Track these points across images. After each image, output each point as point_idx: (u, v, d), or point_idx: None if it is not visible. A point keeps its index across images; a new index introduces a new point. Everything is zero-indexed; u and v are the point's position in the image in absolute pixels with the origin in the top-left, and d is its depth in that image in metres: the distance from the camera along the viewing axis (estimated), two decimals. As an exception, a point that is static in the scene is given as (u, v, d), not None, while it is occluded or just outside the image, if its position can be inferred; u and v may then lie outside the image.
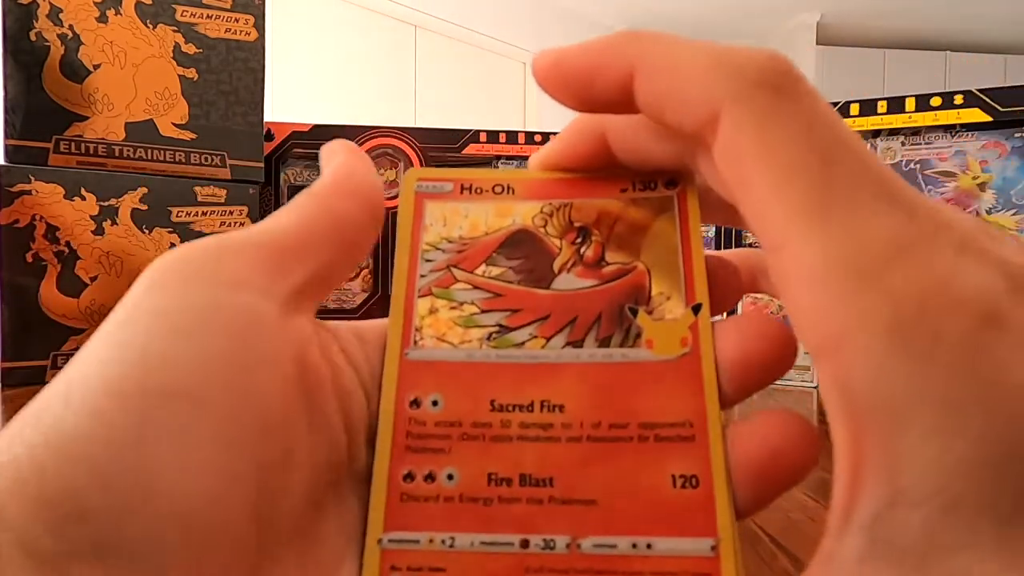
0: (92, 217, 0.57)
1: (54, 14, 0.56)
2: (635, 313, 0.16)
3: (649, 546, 0.14)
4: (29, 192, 0.54)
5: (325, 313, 0.67)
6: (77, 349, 0.62)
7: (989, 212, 0.62)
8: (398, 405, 0.15)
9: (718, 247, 0.71)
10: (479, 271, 0.17)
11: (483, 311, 0.16)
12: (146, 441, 0.11)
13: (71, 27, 0.57)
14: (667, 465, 0.14)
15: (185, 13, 0.61)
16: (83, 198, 0.56)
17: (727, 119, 0.12)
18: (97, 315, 0.57)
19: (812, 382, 0.60)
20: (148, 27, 0.60)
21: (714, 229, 0.71)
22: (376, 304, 0.70)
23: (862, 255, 0.11)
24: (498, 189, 0.17)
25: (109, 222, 0.57)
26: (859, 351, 0.11)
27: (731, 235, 0.71)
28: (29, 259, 0.55)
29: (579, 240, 0.17)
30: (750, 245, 0.70)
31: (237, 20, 0.63)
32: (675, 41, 0.13)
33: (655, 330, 0.15)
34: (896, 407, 0.10)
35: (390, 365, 0.16)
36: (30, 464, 0.11)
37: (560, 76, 0.15)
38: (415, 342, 0.16)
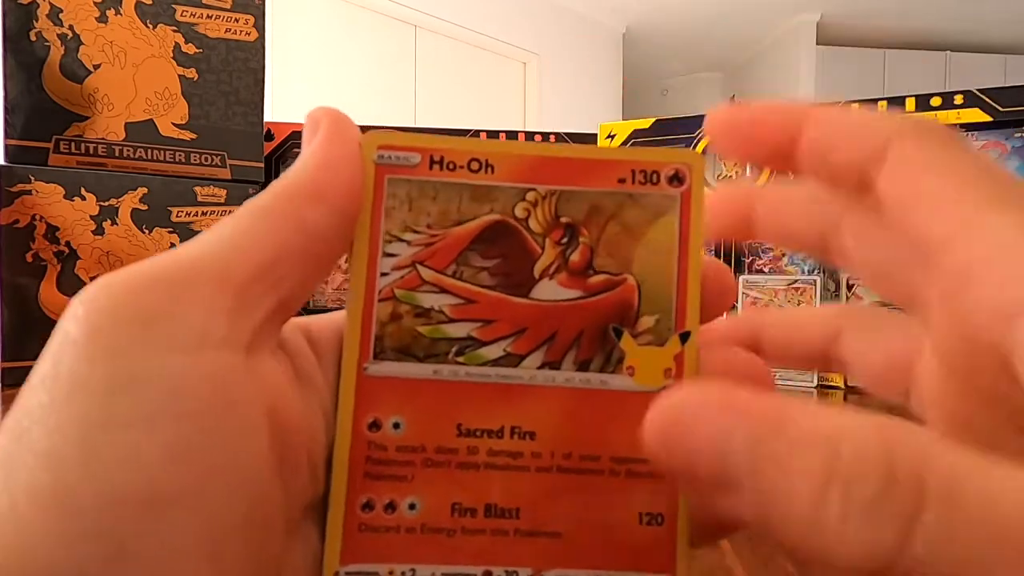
0: (92, 217, 0.57)
1: (54, 14, 0.56)
2: (619, 335, 0.15)
3: None
4: (29, 192, 0.54)
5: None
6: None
7: (989, 212, 0.62)
8: (356, 428, 0.14)
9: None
10: (449, 270, 0.15)
11: (452, 320, 0.14)
12: (126, 559, 0.10)
13: (71, 27, 0.57)
14: (635, 502, 0.14)
15: (185, 13, 0.61)
16: (83, 198, 0.56)
17: (896, 146, 0.13)
18: (97, 315, 0.57)
19: (812, 382, 0.60)
20: (148, 27, 0.60)
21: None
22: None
23: None
24: (475, 165, 0.15)
25: (109, 222, 0.57)
26: None
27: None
28: (29, 259, 0.55)
29: (565, 240, 0.15)
30: (748, 257, 0.70)
31: (237, 20, 0.63)
32: (840, 106, 0.14)
33: (638, 356, 0.14)
34: None
35: (347, 381, 0.14)
36: None
37: (730, 125, 0.15)
38: (375, 354, 0.14)
